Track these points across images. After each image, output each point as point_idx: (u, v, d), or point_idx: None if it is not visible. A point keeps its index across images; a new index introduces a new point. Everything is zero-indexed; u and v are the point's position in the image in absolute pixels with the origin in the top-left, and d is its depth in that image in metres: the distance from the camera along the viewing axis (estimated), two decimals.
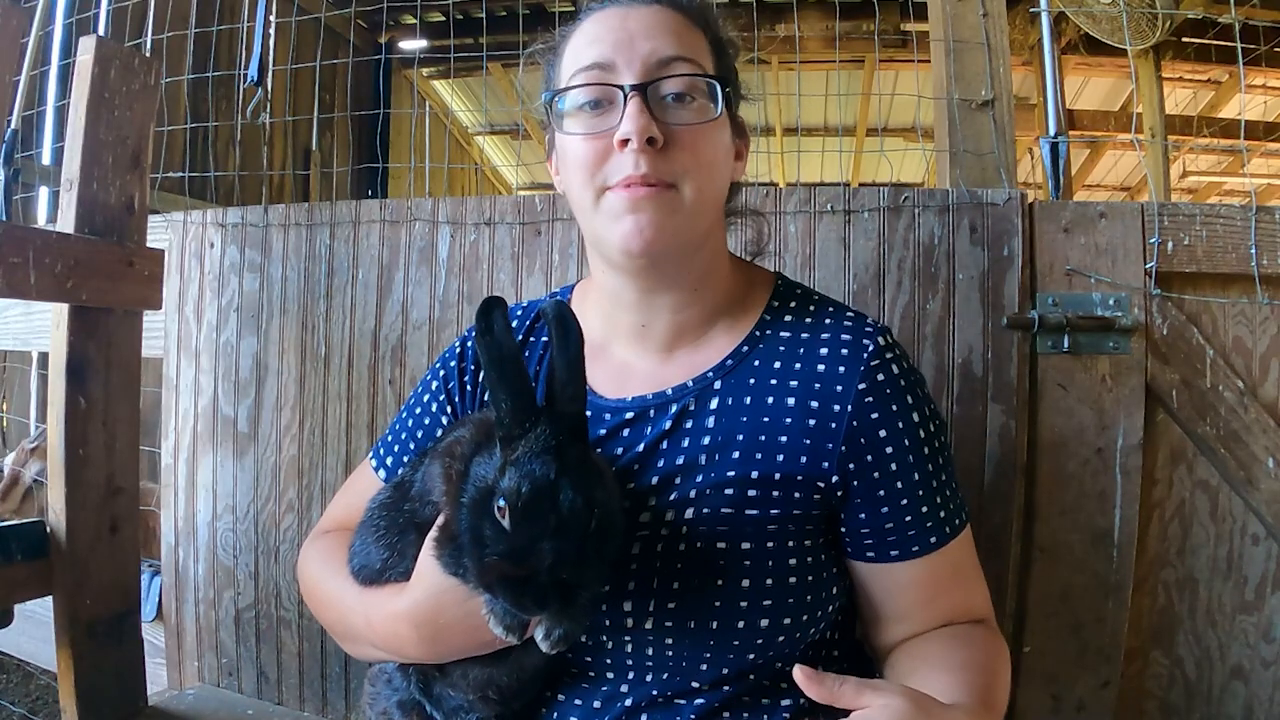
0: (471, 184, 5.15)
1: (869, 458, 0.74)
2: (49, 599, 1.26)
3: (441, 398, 0.89)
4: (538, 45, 0.85)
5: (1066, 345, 1.16)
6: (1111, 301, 1.16)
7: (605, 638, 0.73)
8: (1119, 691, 1.17)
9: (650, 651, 0.73)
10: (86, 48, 1.27)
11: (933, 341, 1.20)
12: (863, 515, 0.75)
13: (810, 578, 0.73)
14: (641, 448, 0.77)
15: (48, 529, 1.25)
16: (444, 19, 4.21)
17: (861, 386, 0.74)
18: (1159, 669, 1.20)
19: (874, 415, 0.74)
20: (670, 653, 0.72)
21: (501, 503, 0.59)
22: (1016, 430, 1.17)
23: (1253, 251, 1.15)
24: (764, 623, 0.71)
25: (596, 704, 0.75)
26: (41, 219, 2.35)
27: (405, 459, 0.89)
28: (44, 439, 1.54)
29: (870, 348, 0.76)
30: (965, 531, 0.79)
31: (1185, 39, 3.89)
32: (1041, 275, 1.19)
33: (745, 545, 0.72)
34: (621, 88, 0.72)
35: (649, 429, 0.78)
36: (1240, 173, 5.14)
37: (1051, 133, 1.29)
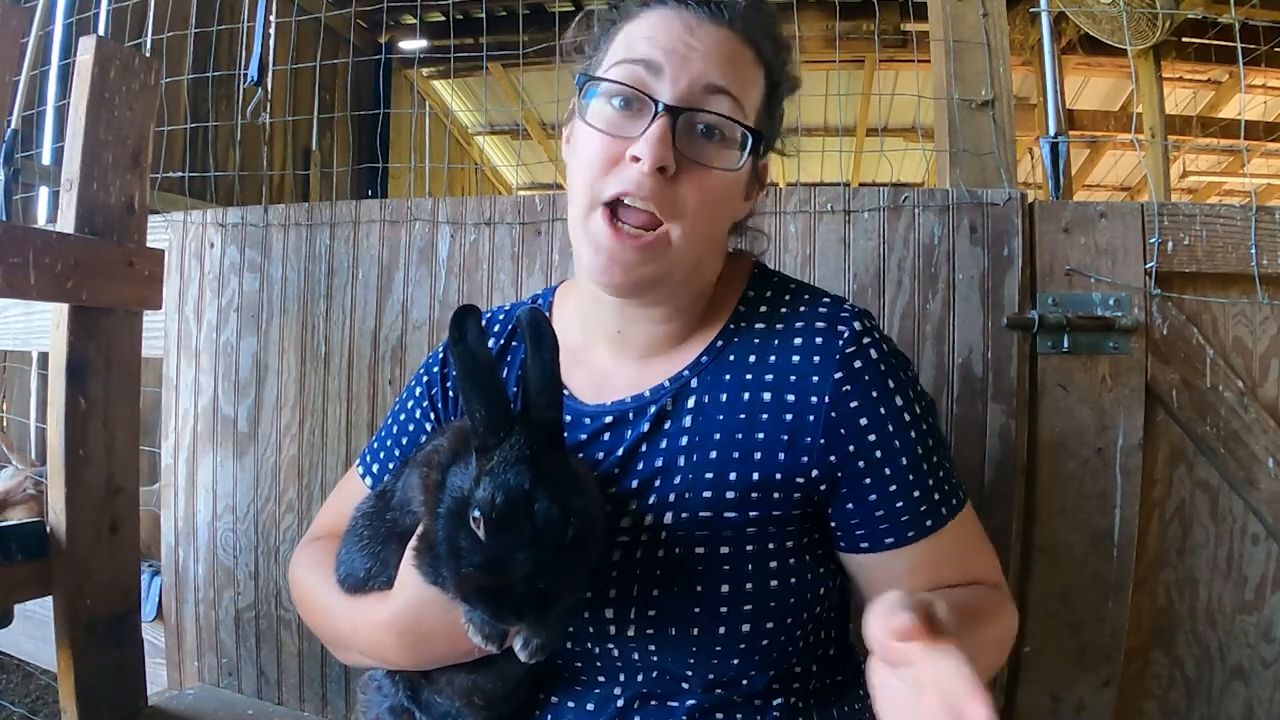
0: (471, 184, 5.15)
1: (850, 448, 0.72)
2: (49, 599, 1.26)
3: (425, 404, 0.89)
4: (599, 14, 0.80)
5: (1066, 345, 1.16)
6: (1111, 301, 1.16)
7: (590, 644, 0.73)
8: (1119, 691, 1.17)
9: (636, 656, 0.72)
10: (86, 48, 1.27)
11: (933, 341, 1.20)
12: (850, 506, 0.73)
13: (794, 580, 0.72)
14: (621, 452, 0.76)
15: (48, 529, 1.25)
16: (444, 19, 4.21)
17: (838, 375, 0.72)
18: (1159, 669, 1.20)
19: (853, 404, 0.72)
20: (655, 658, 0.72)
21: (476, 513, 0.59)
22: (1016, 430, 1.16)
23: (1253, 251, 1.15)
24: (745, 628, 0.70)
25: (590, 706, 0.75)
26: (41, 219, 2.35)
27: (390, 466, 0.88)
28: (32, 487, 1.53)
29: (845, 334, 0.73)
30: (964, 511, 0.76)
31: (1185, 39, 3.89)
32: (1041, 275, 1.19)
33: (724, 549, 0.71)
34: (657, 102, 0.69)
35: (628, 432, 0.77)
36: (1240, 173, 5.14)
37: (1051, 133, 1.29)
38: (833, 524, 0.75)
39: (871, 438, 0.72)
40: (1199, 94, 4.70)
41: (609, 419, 0.78)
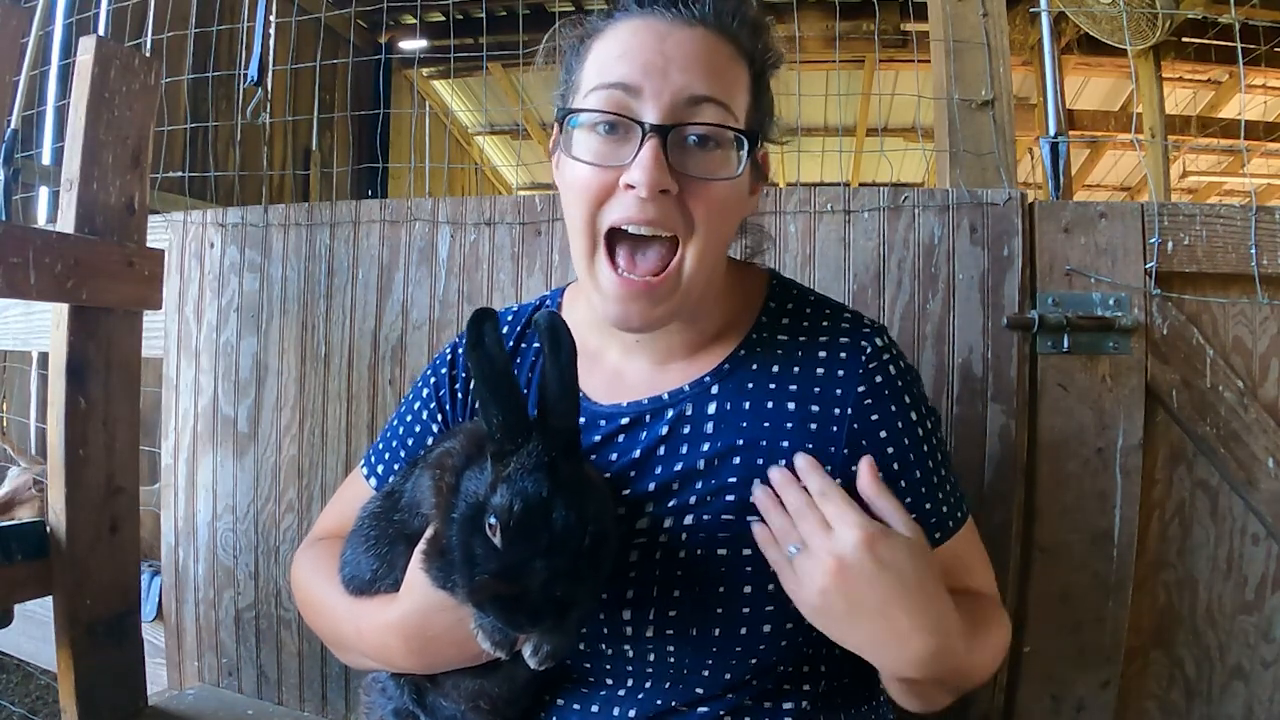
0: (471, 184, 5.15)
1: (870, 448, 0.73)
2: (49, 599, 1.26)
3: (432, 405, 0.88)
4: (564, 32, 0.78)
5: (1066, 345, 1.16)
6: (1111, 301, 1.16)
7: (604, 645, 0.73)
8: (1119, 691, 1.17)
9: (651, 659, 0.72)
10: (86, 48, 1.27)
11: (933, 341, 1.20)
12: None
13: None
14: (638, 454, 0.76)
15: (48, 529, 1.25)
16: (444, 19, 4.21)
17: (860, 389, 0.74)
18: (1159, 669, 1.20)
19: (874, 417, 0.74)
20: (671, 660, 0.72)
21: (493, 520, 0.58)
22: (1016, 430, 1.16)
23: (1253, 251, 1.15)
24: (766, 628, 0.71)
25: (595, 708, 0.75)
26: (41, 219, 2.35)
27: (396, 467, 0.88)
28: (35, 487, 1.53)
29: (868, 349, 0.75)
30: (968, 524, 0.79)
31: (1185, 39, 3.89)
32: (1041, 275, 1.19)
33: (746, 551, 0.71)
34: (641, 125, 0.67)
35: (644, 434, 0.77)
36: (1240, 173, 5.14)
37: (1051, 133, 1.29)
38: None
39: (891, 450, 0.74)
40: (1199, 94, 4.70)
41: (625, 420, 0.78)
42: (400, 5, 3.38)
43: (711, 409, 0.76)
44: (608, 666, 0.74)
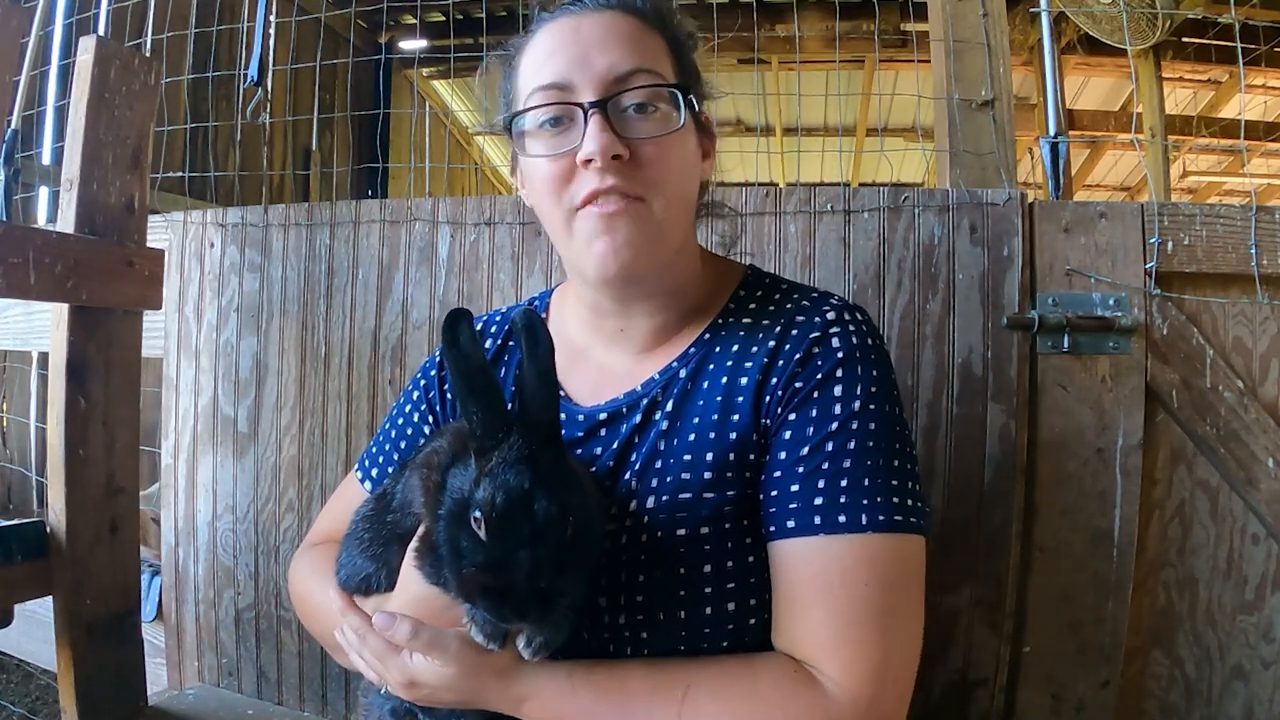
0: (471, 184, 5.15)
1: (792, 416, 0.72)
2: (49, 599, 1.26)
3: (423, 407, 0.90)
4: (494, 55, 0.83)
5: (1066, 345, 1.16)
6: (1111, 301, 1.16)
7: (585, 634, 0.73)
8: (1119, 691, 1.17)
9: (629, 649, 0.73)
10: (86, 48, 1.27)
11: (933, 341, 1.20)
12: (762, 478, 0.72)
13: (768, 557, 0.72)
14: (617, 446, 0.78)
15: (48, 529, 1.25)
16: (444, 19, 4.21)
17: (798, 356, 0.73)
18: (1159, 669, 1.20)
19: (799, 384, 0.72)
20: (646, 650, 0.72)
21: (477, 514, 0.60)
22: (1016, 430, 1.16)
23: (1253, 251, 1.15)
24: (731, 606, 0.71)
25: None
26: (41, 219, 2.34)
27: (389, 469, 0.89)
28: None
29: (818, 320, 0.74)
30: (899, 541, 0.68)
31: (1185, 39, 3.89)
32: (1041, 275, 1.19)
33: (704, 530, 0.71)
34: (581, 105, 0.71)
35: (623, 427, 0.78)
36: (1240, 173, 5.14)
37: (1051, 133, 1.29)
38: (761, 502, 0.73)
39: (813, 413, 0.71)
40: (1199, 94, 4.70)
41: (603, 415, 0.79)
42: (400, 5, 3.38)
43: (675, 391, 0.77)
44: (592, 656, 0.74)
